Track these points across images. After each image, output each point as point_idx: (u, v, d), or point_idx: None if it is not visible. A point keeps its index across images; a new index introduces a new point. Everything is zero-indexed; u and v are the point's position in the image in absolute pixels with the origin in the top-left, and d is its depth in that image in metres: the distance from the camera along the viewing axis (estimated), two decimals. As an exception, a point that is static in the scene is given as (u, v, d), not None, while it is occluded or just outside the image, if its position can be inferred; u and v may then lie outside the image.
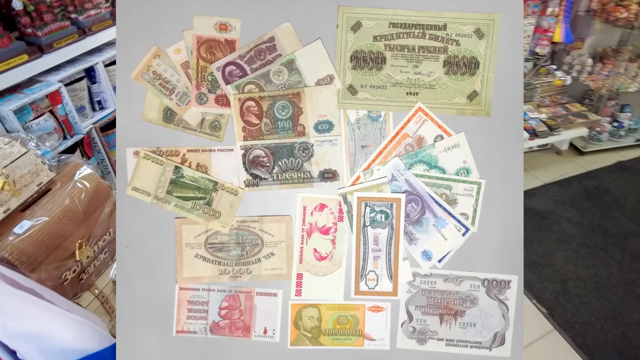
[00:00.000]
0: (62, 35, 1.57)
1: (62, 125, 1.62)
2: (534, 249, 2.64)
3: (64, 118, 1.61)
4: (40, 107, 1.54)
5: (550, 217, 2.90)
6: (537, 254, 2.61)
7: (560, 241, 2.70)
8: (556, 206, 2.99)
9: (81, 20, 1.65)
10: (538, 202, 3.03)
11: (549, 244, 2.68)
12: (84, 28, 1.67)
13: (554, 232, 2.77)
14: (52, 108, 1.57)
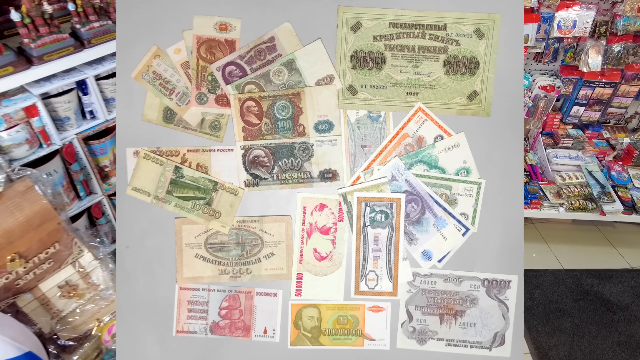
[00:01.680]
0: (55, 48, 1.57)
1: (39, 136, 1.64)
2: (583, 344, 2.02)
3: (41, 129, 1.62)
4: (14, 119, 1.55)
5: (620, 312, 2.19)
6: (584, 352, 1.99)
7: (622, 347, 2.02)
8: (633, 301, 2.25)
9: (83, 32, 1.65)
10: (612, 288, 2.32)
11: (606, 346, 2.02)
12: (84, 40, 1.66)
13: (617, 334, 2.07)
14: (29, 120, 1.58)
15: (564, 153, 2.55)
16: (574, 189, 2.46)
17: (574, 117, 2.58)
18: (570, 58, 2.29)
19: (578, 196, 2.45)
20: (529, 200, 2.39)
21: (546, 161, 2.54)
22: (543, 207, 2.43)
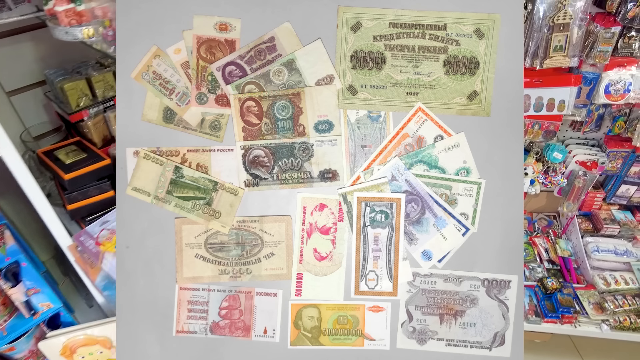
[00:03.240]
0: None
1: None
2: None
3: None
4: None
5: None
6: None
7: None
8: None
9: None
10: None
11: None
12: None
13: None
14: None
15: (607, 245, 1.84)
16: (623, 300, 1.71)
17: (621, 198, 1.93)
18: (620, 128, 1.73)
19: (629, 311, 1.70)
20: (560, 314, 1.65)
21: (583, 254, 1.83)
22: (579, 323, 1.70)
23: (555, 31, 1.26)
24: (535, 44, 1.30)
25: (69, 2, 1.13)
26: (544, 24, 1.27)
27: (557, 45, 1.29)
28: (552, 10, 1.25)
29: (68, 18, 1.14)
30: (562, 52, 1.30)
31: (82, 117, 1.53)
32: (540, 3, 1.26)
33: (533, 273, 1.78)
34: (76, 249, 1.32)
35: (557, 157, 1.64)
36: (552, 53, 1.29)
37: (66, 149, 1.49)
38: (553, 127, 1.51)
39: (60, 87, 1.49)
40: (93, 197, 1.42)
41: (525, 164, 1.61)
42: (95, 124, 1.55)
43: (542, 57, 1.31)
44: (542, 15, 1.27)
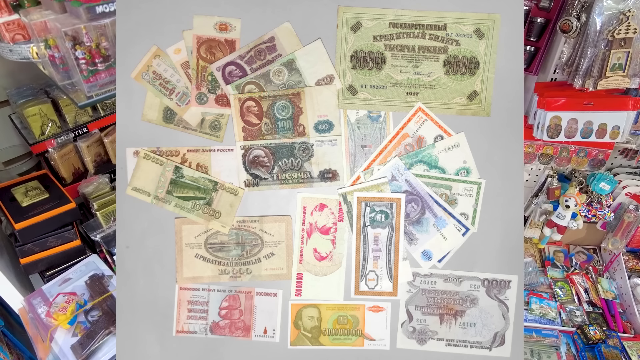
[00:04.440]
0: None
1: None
2: None
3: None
4: None
5: None
6: None
7: None
8: None
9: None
10: None
11: None
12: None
13: None
14: None
15: None
16: (677, 353, 1.46)
17: (676, 235, 1.69)
18: None
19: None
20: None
21: (631, 297, 1.57)
22: (624, 375, 1.43)
23: (615, 47, 1.07)
24: (588, 61, 1.11)
25: (10, 13, 0.93)
26: (600, 38, 1.08)
27: (615, 63, 1.09)
28: (612, 23, 1.06)
29: (10, 33, 0.94)
30: (622, 72, 1.10)
31: (47, 148, 1.30)
32: (597, 14, 1.07)
33: (571, 317, 1.52)
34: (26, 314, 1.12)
35: (605, 188, 1.43)
36: (609, 72, 1.09)
37: (26, 185, 1.26)
38: (602, 155, 1.31)
39: (22, 112, 1.27)
40: (53, 249, 1.20)
41: (568, 194, 1.42)
42: (63, 156, 1.33)
43: (596, 76, 1.11)
44: (599, 28, 1.08)
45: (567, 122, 1.21)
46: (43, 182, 1.29)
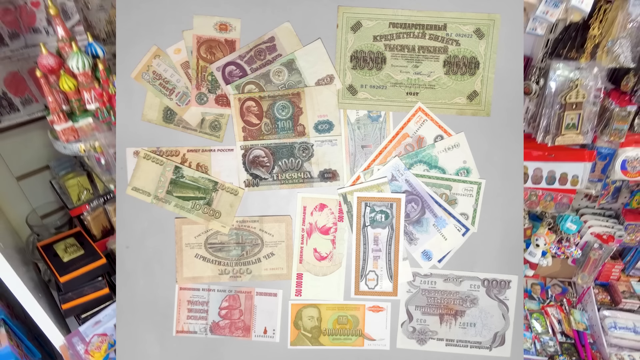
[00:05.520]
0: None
1: None
2: None
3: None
4: None
5: None
6: None
7: None
8: None
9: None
10: None
11: None
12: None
13: None
14: None
15: (625, 321, 1.67)
16: (644, 386, 1.48)
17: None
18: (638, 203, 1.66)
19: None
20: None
21: (600, 329, 1.67)
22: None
23: (568, 109, 1.20)
24: (547, 120, 1.24)
25: (66, 120, 1.16)
26: (555, 101, 1.21)
27: (569, 123, 1.22)
28: (564, 88, 1.20)
29: (66, 135, 1.18)
30: (575, 130, 1.22)
31: (82, 212, 1.56)
32: (552, 80, 1.20)
33: (545, 347, 1.60)
34: (67, 351, 1.31)
35: (571, 228, 1.56)
36: (565, 130, 1.22)
37: (65, 242, 1.50)
38: (567, 199, 1.45)
39: (63, 182, 1.54)
40: (87, 296, 1.42)
41: (537, 234, 1.54)
42: (95, 217, 1.58)
43: (554, 133, 1.24)
44: (554, 92, 1.21)
45: (532, 170, 1.38)
46: (78, 238, 1.53)
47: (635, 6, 1.10)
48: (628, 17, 1.12)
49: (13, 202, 1.61)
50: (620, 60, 1.15)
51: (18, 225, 1.63)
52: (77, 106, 1.19)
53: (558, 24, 1.17)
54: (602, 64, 1.18)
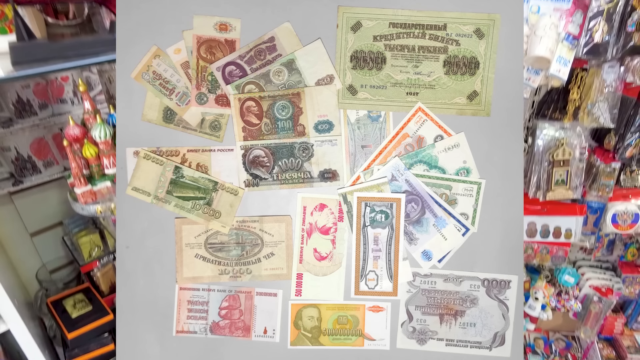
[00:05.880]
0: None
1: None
2: None
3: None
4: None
5: None
6: None
7: None
8: None
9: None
10: None
11: None
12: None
13: None
14: None
15: None
16: None
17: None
18: (633, 255, 1.66)
19: None
20: None
21: None
22: None
23: (556, 166, 1.27)
24: (537, 176, 1.31)
25: (86, 184, 1.26)
26: (544, 158, 1.28)
27: (558, 179, 1.29)
28: (551, 146, 1.27)
29: (85, 198, 1.27)
30: (565, 186, 1.30)
31: (92, 268, 1.61)
32: (539, 139, 1.28)
33: None
34: None
35: (569, 280, 1.56)
36: (555, 186, 1.29)
37: (74, 298, 1.54)
38: (562, 252, 1.48)
39: (76, 240, 1.59)
40: (93, 352, 1.44)
41: (536, 287, 1.55)
42: (104, 274, 1.64)
43: (544, 189, 1.31)
44: (542, 150, 1.28)
45: (527, 224, 1.42)
46: (87, 294, 1.56)
47: (609, 73, 1.21)
48: (603, 82, 1.22)
49: (25, 257, 1.67)
50: (600, 121, 1.24)
51: (27, 280, 1.68)
52: (96, 171, 1.29)
53: (541, 88, 1.25)
54: (584, 124, 1.26)
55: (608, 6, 1.12)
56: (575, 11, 1.12)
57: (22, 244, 1.66)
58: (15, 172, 1.57)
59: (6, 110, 1.51)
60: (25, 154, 1.55)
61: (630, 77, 1.22)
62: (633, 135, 1.30)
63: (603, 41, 1.14)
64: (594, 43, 1.14)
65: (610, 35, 1.14)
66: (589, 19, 1.13)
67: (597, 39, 1.13)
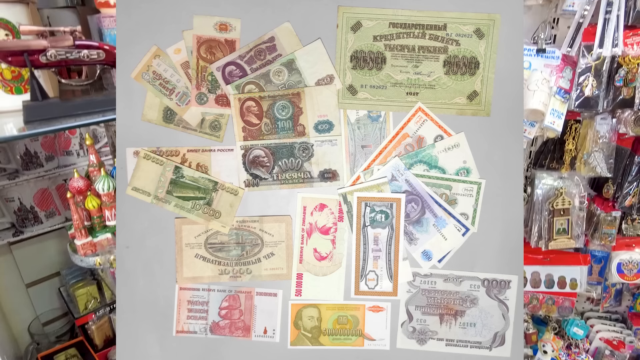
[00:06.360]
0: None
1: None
2: None
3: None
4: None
5: None
6: None
7: None
8: None
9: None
10: None
11: None
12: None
13: None
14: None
15: None
16: None
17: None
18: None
19: None
20: None
21: None
22: None
23: (556, 215, 1.27)
24: (538, 225, 1.30)
25: (87, 236, 1.28)
26: (544, 207, 1.28)
27: (559, 228, 1.29)
28: (550, 195, 1.28)
29: (84, 250, 1.28)
30: (566, 235, 1.29)
31: (88, 321, 1.59)
32: (538, 188, 1.29)
33: None
34: None
35: (578, 333, 1.50)
36: (556, 235, 1.29)
37: (66, 352, 1.52)
38: (568, 302, 1.45)
39: (73, 292, 1.58)
40: None
41: (544, 340, 1.49)
42: (99, 327, 1.62)
43: (546, 238, 1.30)
44: (541, 199, 1.29)
45: (530, 274, 1.41)
46: (80, 349, 1.54)
47: (602, 124, 1.25)
48: (597, 133, 1.25)
49: (18, 308, 1.65)
50: (597, 170, 1.26)
51: (19, 333, 1.65)
52: (97, 222, 1.30)
53: (537, 139, 1.28)
54: (582, 174, 1.28)
55: (595, 63, 1.16)
56: (565, 67, 1.17)
57: (16, 295, 1.64)
58: (17, 223, 1.57)
59: (13, 162, 1.54)
60: (28, 205, 1.56)
61: (622, 129, 1.25)
62: (631, 184, 1.31)
63: (593, 95, 1.17)
64: (584, 97, 1.17)
65: (600, 90, 1.17)
66: (578, 74, 1.17)
67: (587, 93, 1.17)
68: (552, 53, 1.16)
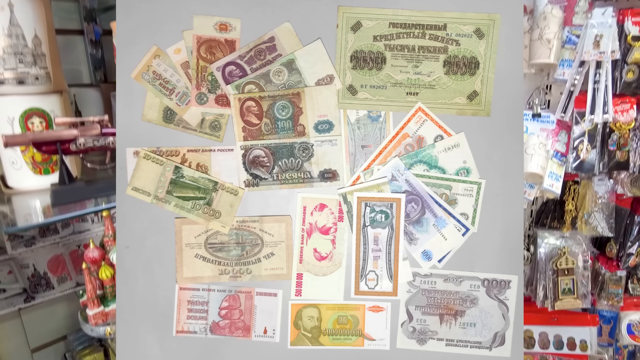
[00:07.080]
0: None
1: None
2: None
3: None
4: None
5: None
6: None
7: None
8: None
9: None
10: None
11: None
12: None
13: None
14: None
15: None
16: None
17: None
18: None
19: None
20: None
21: None
22: None
23: (561, 275, 1.27)
24: (543, 286, 1.29)
25: (99, 306, 1.28)
26: (548, 267, 1.27)
27: (565, 288, 1.28)
28: (553, 255, 1.28)
29: (95, 319, 1.29)
30: (572, 295, 1.28)
31: None
32: (541, 248, 1.28)
33: None
34: None
35: None
36: (562, 295, 1.27)
37: None
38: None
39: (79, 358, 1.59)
40: None
41: None
42: None
43: (552, 298, 1.29)
44: (544, 258, 1.28)
45: (538, 334, 1.38)
46: None
47: (600, 186, 1.28)
48: (596, 194, 1.27)
49: None
50: (598, 230, 1.26)
51: None
52: (110, 292, 1.31)
53: (537, 199, 1.28)
54: (584, 233, 1.28)
55: (588, 129, 1.19)
56: (560, 131, 1.20)
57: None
58: (29, 289, 1.58)
59: (31, 230, 1.55)
60: (42, 271, 1.58)
61: (620, 189, 1.27)
62: (633, 244, 1.31)
63: (589, 158, 1.20)
64: (580, 160, 1.20)
65: (595, 153, 1.20)
66: (573, 139, 1.20)
67: (583, 156, 1.20)
68: (547, 117, 1.19)
